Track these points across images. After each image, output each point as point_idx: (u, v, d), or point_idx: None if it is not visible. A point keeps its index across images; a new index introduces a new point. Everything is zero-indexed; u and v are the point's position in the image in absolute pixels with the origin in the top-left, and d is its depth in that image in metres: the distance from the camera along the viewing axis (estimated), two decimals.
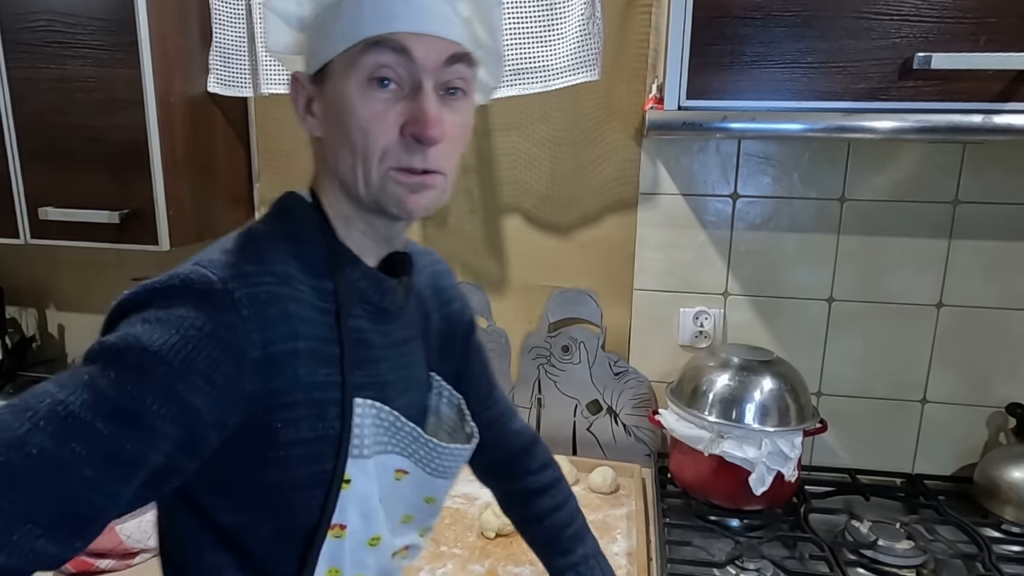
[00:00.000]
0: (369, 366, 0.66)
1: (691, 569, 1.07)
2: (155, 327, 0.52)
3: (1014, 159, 1.26)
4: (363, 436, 0.64)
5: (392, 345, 0.69)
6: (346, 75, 0.59)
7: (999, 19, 0.92)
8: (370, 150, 0.59)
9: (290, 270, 0.60)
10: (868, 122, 0.97)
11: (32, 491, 0.47)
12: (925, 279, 1.33)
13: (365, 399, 0.64)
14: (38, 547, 0.47)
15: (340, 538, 0.64)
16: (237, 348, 0.54)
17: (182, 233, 1.32)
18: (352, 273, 0.65)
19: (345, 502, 0.63)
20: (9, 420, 0.48)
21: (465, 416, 0.78)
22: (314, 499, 0.62)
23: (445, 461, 0.72)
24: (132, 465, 0.51)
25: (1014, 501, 1.21)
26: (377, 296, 0.67)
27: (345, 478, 0.63)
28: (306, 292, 0.61)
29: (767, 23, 0.97)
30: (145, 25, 1.19)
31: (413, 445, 0.69)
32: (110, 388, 0.50)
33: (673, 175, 1.38)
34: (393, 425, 0.67)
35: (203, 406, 0.53)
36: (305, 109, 0.65)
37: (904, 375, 1.37)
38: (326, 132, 0.63)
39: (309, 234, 0.64)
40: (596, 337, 1.46)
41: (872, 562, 1.09)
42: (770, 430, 1.18)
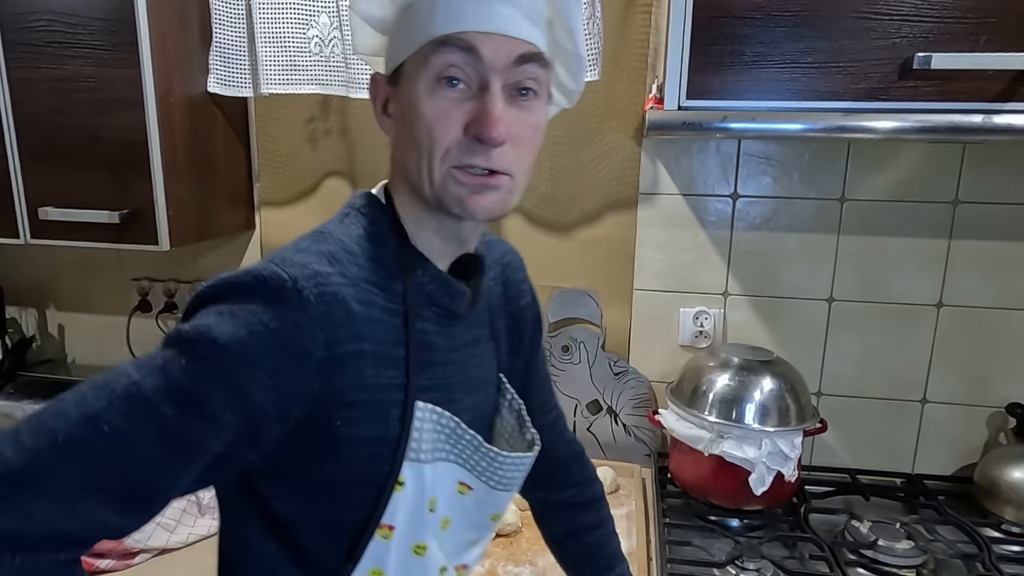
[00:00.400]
0: (434, 369, 0.66)
1: (691, 569, 1.07)
2: (226, 320, 0.53)
3: (1014, 159, 1.26)
4: (421, 440, 0.63)
5: (459, 347, 0.69)
6: (416, 75, 0.60)
7: (999, 19, 0.92)
8: (434, 149, 0.59)
9: (361, 272, 0.61)
10: (868, 122, 0.97)
11: (100, 464, 0.50)
12: (925, 279, 1.33)
13: (427, 403, 0.63)
14: (101, 517, 0.51)
15: (387, 539, 0.64)
16: (301, 347, 0.55)
17: (182, 233, 1.32)
18: (422, 276, 0.65)
19: (396, 504, 0.63)
20: (90, 396, 0.51)
21: (525, 422, 0.77)
22: (367, 497, 0.63)
23: (508, 472, 0.71)
24: (192, 449, 0.53)
25: (1014, 501, 1.21)
26: (446, 299, 0.66)
27: (399, 480, 0.63)
28: (376, 294, 0.61)
29: (767, 23, 0.97)
30: (145, 25, 1.19)
31: (475, 455, 0.68)
32: (179, 374, 0.52)
33: (673, 175, 1.38)
34: (454, 432, 0.66)
35: (265, 399, 0.54)
36: (382, 110, 0.66)
37: (904, 375, 1.37)
38: (398, 132, 0.64)
39: (381, 235, 0.64)
40: (596, 337, 1.46)
41: (872, 562, 1.09)
42: (770, 430, 1.18)
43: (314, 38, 1.35)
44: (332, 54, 1.36)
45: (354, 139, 1.48)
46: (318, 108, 1.48)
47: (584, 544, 0.91)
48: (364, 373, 0.59)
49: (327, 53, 1.36)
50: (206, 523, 1.18)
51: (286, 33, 1.34)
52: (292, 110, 1.49)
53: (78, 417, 0.50)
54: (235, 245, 1.59)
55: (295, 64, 1.36)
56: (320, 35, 1.35)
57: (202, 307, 0.56)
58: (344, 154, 1.51)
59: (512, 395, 0.78)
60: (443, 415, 0.65)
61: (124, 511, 0.52)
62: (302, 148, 1.52)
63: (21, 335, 1.72)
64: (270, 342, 0.54)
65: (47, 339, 1.75)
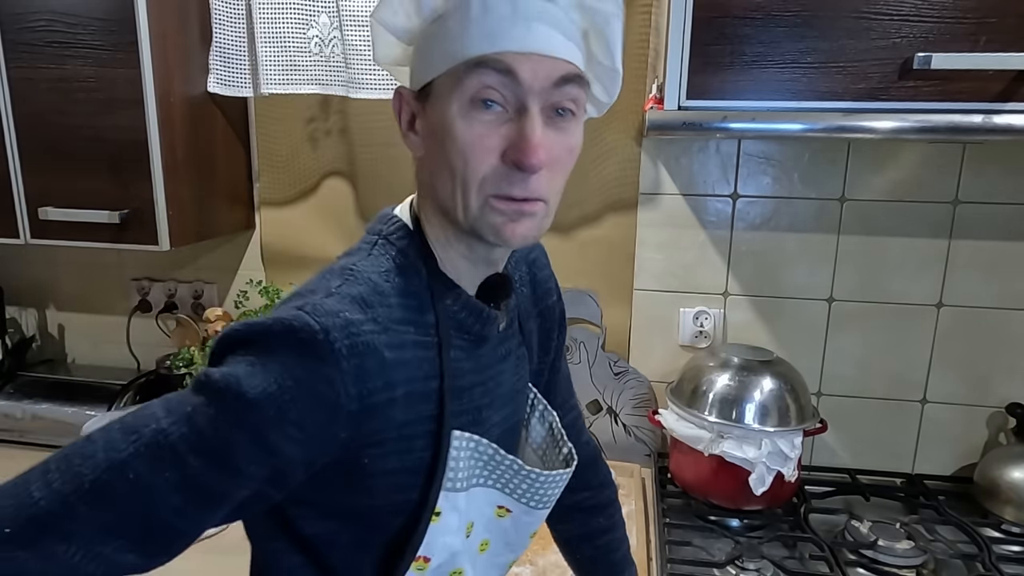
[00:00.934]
0: (464, 394, 0.64)
1: (691, 569, 1.07)
2: (256, 372, 0.52)
3: (1014, 159, 1.26)
4: (458, 469, 0.62)
5: (488, 367, 0.67)
6: (449, 96, 0.56)
7: (999, 19, 0.92)
8: (469, 176, 0.56)
9: (393, 312, 0.58)
10: (868, 122, 0.97)
11: (126, 512, 0.50)
12: (925, 279, 1.33)
13: (463, 432, 0.62)
14: (126, 560, 0.51)
15: (422, 571, 0.63)
16: (334, 401, 0.53)
17: (182, 233, 1.32)
18: (452, 304, 0.63)
19: (433, 534, 0.62)
20: (117, 440, 0.51)
21: (560, 436, 0.76)
22: (398, 522, 0.62)
23: (547, 490, 0.70)
24: (218, 498, 0.53)
25: (1014, 501, 1.21)
26: (477, 326, 0.65)
27: (436, 511, 0.62)
28: (407, 332, 0.59)
29: (767, 23, 0.97)
30: (145, 25, 1.19)
31: (515, 479, 0.68)
32: (207, 426, 0.51)
33: (673, 175, 1.38)
34: (492, 459, 0.65)
35: (293, 452, 0.53)
36: (408, 126, 0.62)
37: (904, 375, 1.37)
38: (427, 152, 0.61)
39: (411, 265, 0.62)
40: (596, 337, 1.46)
41: (872, 562, 1.09)
42: (770, 430, 1.18)
43: (314, 38, 1.35)
44: (332, 54, 1.36)
45: (354, 139, 1.48)
46: (318, 108, 1.48)
47: (595, 547, 0.90)
48: (396, 417, 0.58)
49: (327, 53, 1.36)
50: None
51: (286, 33, 1.34)
52: (292, 110, 1.49)
53: (105, 463, 0.50)
54: (235, 245, 1.59)
55: (295, 64, 1.36)
56: (320, 35, 1.35)
57: (230, 352, 0.55)
58: (344, 154, 1.51)
59: (544, 406, 0.77)
60: (480, 442, 0.63)
61: (147, 553, 0.52)
62: (302, 148, 1.52)
63: (21, 335, 1.72)
64: (301, 397, 0.52)
65: (47, 339, 1.75)
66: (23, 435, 1.50)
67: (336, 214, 1.54)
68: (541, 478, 0.68)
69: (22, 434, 1.50)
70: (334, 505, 0.61)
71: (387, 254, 0.62)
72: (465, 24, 0.55)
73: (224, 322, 1.50)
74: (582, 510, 0.89)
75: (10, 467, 0.53)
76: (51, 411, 1.49)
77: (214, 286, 1.63)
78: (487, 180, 0.56)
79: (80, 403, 1.49)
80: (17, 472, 0.53)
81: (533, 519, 0.71)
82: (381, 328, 0.56)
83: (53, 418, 1.48)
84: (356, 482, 0.59)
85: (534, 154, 0.54)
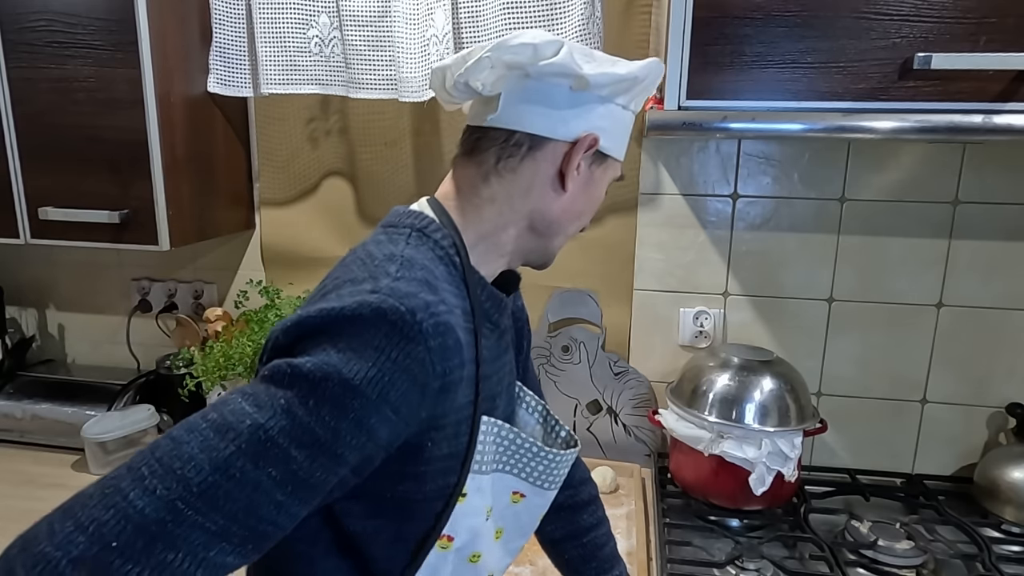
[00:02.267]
0: (486, 382, 0.67)
1: (691, 569, 1.07)
2: (351, 358, 0.53)
3: (1014, 159, 1.26)
4: (484, 453, 0.66)
5: (497, 358, 0.72)
6: (608, 174, 0.73)
7: (999, 19, 0.92)
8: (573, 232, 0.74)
9: (451, 297, 0.62)
10: (868, 122, 0.97)
11: (231, 512, 0.50)
12: (925, 279, 1.33)
13: (490, 417, 0.66)
14: (227, 562, 0.51)
15: (446, 549, 0.66)
16: (423, 380, 0.56)
17: (182, 233, 1.32)
18: (481, 293, 0.68)
19: (458, 515, 0.65)
20: (213, 440, 0.50)
21: (551, 422, 0.81)
22: (435, 509, 0.65)
23: (558, 470, 0.75)
24: (317, 489, 0.54)
25: (1014, 501, 1.21)
26: (497, 314, 0.71)
27: (463, 492, 0.65)
28: (460, 318, 0.63)
29: (767, 23, 0.97)
30: (145, 25, 1.19)
31: (532, 461, 0.72)
32: (308, 417, 0.52)
33: (673, 175, 1.38)
34: (513, 443, 0.70)
35: (385, 435, 0.55)
36: (577, 168, 0.70)
37: (904, 375, 1.37)
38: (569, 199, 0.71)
39: (448, 257, 0.66)
40: (596, 337, 1.46)
41: (872, 562, 1.09)
42: (770, 430, 1.18)
43: (314, 38, 1.35)
44: (332, 54, 1.36)
45: (354, 139, 1.48)
46: (318, 108, 1.49)
47: (581, 545, 0.92)
48: (458, 399, 0.61)
49: (327, 53, 1.36)
50: None
51: (286, 33, 1.34)
52: (292, 110, 1.49)
53: (209, 464, 0.49)
54: (235, 245, 1.59)
55: (295, 64, 1.36)
56: (320, 35, 1.35)
57: (311, 340, 0.55)
58: (344, 154, 1.51)
59: (532, 397, 0.82)
60: (503, 427, 0.68)
61: (244, 553, 0.52)
62: (302, 148, 1.52)
63: (21, 335, 1.72)
64: (398, 379, 0.54)
65: (47, 339, 1.75)
66: (23, 435, 1.50)
67: (336, 214, 1.54)
68: (557, 458, 0.74)
69: (22, 434, 1.50)
70: (387, 495, 0.63)
71: (425, 244, 0.66)
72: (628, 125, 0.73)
73: (224, 322, 1.50)
74: (567, 508, 0.91)
75: (10, 467, 0.53)
76: (51, 411, 1.49)
77: (214, 286, 1.63)
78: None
79: (80, 403, 1.49)
80: (17, 472, 0.53)
81: (543, 501, 0.76)
82: (448, 308, 0.60)
83: (53, 418, 1.48)
84: (411, 468, 0.61)
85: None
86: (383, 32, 1.32)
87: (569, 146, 0.68)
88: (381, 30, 1.32)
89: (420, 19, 1.28)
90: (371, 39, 1.32)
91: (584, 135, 0.68)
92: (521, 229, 0.71)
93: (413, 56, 1.29)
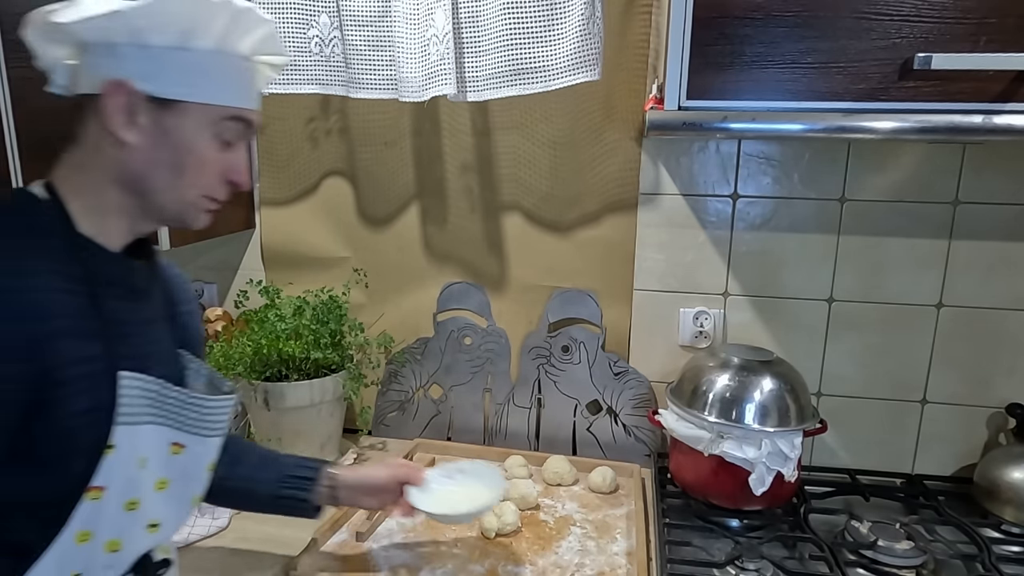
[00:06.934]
0: (124, 340, 0.73)
1: (691, 569, 1.07)
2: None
3: (1014, 159, 1.26)
4: (132, 406, 0.71)
5: (144, 322, 0.78)
6: (190, 120, 0.75)
7: (999, 19, 0.92)
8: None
9: (39, 264, 0.67)
10: (868, 122, 0.97)
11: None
12: (925, 279, 1.33)
13: (134, 372, 0.72)
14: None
15: (97, 500, 0.70)
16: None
17: (182, 233, 1.32)
18: (97, 258, 0.73)
19: (108, 466, 0.70)
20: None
21: (217, 381, 0.88)
22: (81, 462, 0.70)
23: (216, 417, 0.82)
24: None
25: (1014, 501, 1.21)
26: (130, 278, 0.77)
27: (110, 443, 0.70)
28: (59, 280, 0.68)
29: (767, 23, 0.97)
30: None
31: (183, 411, 0.78)
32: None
33: (673, 175, 1.38)
34: (160, 394, 0.75)
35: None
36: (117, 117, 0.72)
37: (904, 375, 1.37)
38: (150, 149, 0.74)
39: (50, 229, 0.70)
40: (596, 337, 1.46)
41: (872, 562, 1.09)
42: (770, 430, 1.18)
43: (314, 38, 1.35)
44: (332, 54, 1.36)
45: (354, 139, 1.49)
46: (318, 108, 1.49)
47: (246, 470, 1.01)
48: (69, 351, 0.68)
49: (327, 53, 1.36)
50: (206, 523, 1.18)
51: (286, 33, 1.34)
52: (292, 110, 1.49)
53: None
54: (235, 244, 1.59)
55: (295, 64, 1.36)
56: (320, 35, 1.35)
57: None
58: (344, 154, 1.51)
59: (198, 363, 0.88)
60: (147, 379, 0.73)
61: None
62: (302, 148, 1.52)
63: None
64: None
65: None
66: None
67: (336, 214, 1.54)
68: (208, 403, 0.80)
69: None
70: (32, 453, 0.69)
71: (14, 221, 0.70)
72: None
73: (224, 322, 1.50)
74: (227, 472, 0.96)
75: None
76: None
77: (214, 286, 1.63)
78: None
79: None
80: None
81: (206, 449, 0.82)
82: (17, 275, 0.66)
83: None
84: (45, 424, 0.68)
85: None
86: (383, 32, 1.32)
87: (102, 98, 0.70)
88: (381, 30, 1.32)
89: (420, 19, 1.28)
90: (371, 39, 1.32)
91: (107, 83, 0.70)
92: (115, 189, 0.74)
93: (413, 56, 1.29)
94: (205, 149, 0.75)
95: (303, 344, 1.34)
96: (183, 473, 0.80)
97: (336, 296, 1.46)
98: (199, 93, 0.73)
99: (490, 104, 1.40)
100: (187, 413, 0.78)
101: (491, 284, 1.52)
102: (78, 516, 0.69)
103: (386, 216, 1.53)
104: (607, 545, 1.16)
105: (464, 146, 1.46)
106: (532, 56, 1.24)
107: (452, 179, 1.48)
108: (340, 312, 1.44)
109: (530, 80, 1.25)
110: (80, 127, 0.74)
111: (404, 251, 1.54)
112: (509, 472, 1.36)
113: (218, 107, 0.74)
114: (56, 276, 0.68)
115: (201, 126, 0.74)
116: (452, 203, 1.49)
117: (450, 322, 1.53)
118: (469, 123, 1.44)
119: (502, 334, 1.51)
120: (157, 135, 0.72)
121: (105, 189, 0.74)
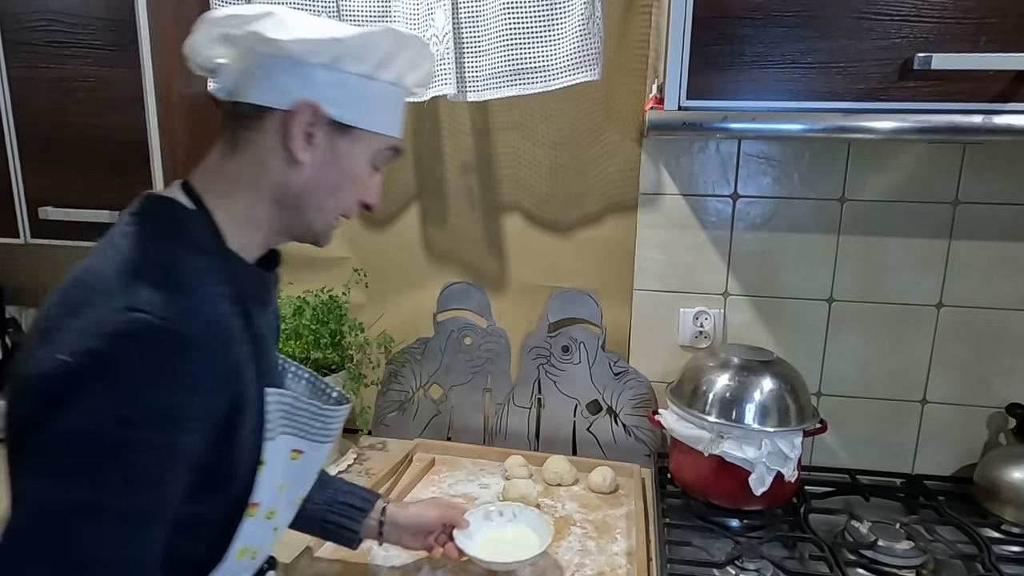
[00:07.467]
0: (264, 356, 0.74)
1: (691, 569, 1.07)
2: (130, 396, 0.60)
3: (1014, 159, 1.26)
4: (272, 421, 0.72)
5: (268, 333, 0.78)
6: (359, 148, 0.76)
7: (999, 19, 0.92)
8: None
9: (213, 287, 0.67)
10: (868, 122, 0.97)
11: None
12: (925, 279, 1.33)
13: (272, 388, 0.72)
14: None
15: (253, 516, 0.73)
16: (206, 383, 0.64)
17: None
18: (244, 276, 0.73)
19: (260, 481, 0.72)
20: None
21: (321, 386, 0.90)
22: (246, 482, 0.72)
23: (333, 424, 0.83)
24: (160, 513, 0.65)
25: (1014, 501, 1.21)
26: (264, 292, 0.77)
27: (261, 460, 0.71)
28: (228, 304, 0.68)
29: (767, 23, 0.97)
30: (145, 25, 1.19)
31: (310, 420, 0.79)
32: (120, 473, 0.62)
33: (673, 175, 1.38)
34: (293, 407, 0.76)
35: (193, 441, 0.65)
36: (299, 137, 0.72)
37: (904, 375, 1.37)
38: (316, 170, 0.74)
39: (207, 245, 0.70)
40: (596, 337, 1.46)
41: (872, 562, 1.09)
42: (770, 430, 1.18)
43: None
44: None
45: None
46: None
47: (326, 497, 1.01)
48: (247, 375, 0.70)
49: None
50: None
51: None
52: None
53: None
54: None
55: None
56: None
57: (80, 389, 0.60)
58: None
59: (296, 367, 0.89)
60: (284, 394, 0.74)
61: None
62: None
63: (21, 335, 1.72)
64: (180, 394, 0.62)
65: None
66: None
67: None
68: (333, 414, 0.82)
69: None
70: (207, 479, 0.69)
71: (178, 236, 0.69)
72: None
73: None
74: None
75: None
76: None
77: None
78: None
79: None
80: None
81: (320, 454, 0.83)
82: (211, 303, 0.66)
83: None
84: (227, 449, 0.69)
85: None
86: None
87: (288, 115, 0.70)
88: None
89: (420, 19, 1.28)
90: None
91: (300, 103, 0.69)
92: (270, 205, 0.73)
93: None
94: (362, 174, 0.76)
95: (303, 344, 1.35)
96: (295, 477, 0.81)
97: (336, 296, 1.46)
98: (374, 122, 0.74)
99: (490, 104, 1.40)
100: (312, 423, 0.79)
101: (491, 284, 1.52)
102: (241, 534, 0.70)
103: (386, 216, 1.53)
104: (607, 545, 1.16)
105: (464, 146, 1.46)
106: (532, 56, 1.24)
107: (452, 179, 1.48)
108: (340, 312, 1.44)
109: (530, 80, 1.25)
110: (241, 136, 0.72)
111: (404, 251, 1.54)
112: (509, 472, 1.36)
113: (385, 136, 0.75)
114: (225, 299, 0.67)
115: (367, 153, 0.75)
116: (452, 203, 1.49)
117: (450, 322, 1.53)
118: (469, 123, 1.44)
119: (502, 334, 1.51)
120: (328, 158, 0.72)
121: (260, 203, 0.73)
